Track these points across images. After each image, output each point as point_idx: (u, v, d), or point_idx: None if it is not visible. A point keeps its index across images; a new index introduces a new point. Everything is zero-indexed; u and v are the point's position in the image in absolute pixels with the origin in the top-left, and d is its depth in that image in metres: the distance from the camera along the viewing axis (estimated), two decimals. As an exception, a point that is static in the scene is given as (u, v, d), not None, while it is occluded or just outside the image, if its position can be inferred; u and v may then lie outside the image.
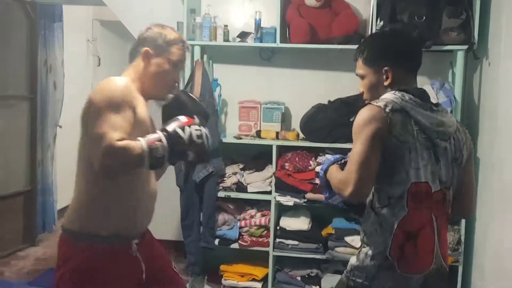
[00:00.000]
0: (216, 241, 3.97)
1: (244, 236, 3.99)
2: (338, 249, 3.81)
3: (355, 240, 3.73)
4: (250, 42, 3.92)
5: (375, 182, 1.91)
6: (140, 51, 2.22)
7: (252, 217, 3.99)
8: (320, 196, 3.77)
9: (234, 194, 3.97)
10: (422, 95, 2.00)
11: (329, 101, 3.93)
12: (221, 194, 3.95)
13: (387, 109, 1.89)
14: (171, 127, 1.99)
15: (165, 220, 5.05)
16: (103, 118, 1.94)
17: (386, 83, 2.02)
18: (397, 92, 1.97)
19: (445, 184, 1.98)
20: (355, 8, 4.00)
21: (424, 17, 3.53)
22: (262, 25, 3.89)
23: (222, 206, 4.02)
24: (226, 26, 3.96)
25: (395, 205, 1.91)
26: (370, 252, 1.95)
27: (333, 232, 3.84)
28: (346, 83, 3.99)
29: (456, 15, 3.58)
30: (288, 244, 3.93)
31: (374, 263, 1.93)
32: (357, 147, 1.87)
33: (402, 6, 3.58)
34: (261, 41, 3.86)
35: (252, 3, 4.14)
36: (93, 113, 1.99)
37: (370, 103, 1.95)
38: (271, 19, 3.94)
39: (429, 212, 1.94)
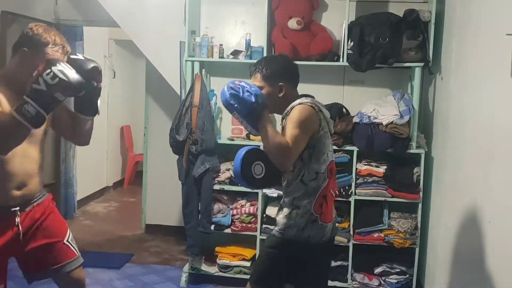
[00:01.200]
0: (212, 227, 3.99)
1: (235, 223, 4.01)
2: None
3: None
4: (241, 58, 3.95)
5: (305, 162, 2.31)
6: (18, 49, 2.11)
7: (242, 206, 4.02)
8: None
9: (227, 187, 4.00)
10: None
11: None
12: (217, 187, 3.98)
13: (317, 109, 2.30)
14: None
15: (169, 209, 5.12)
16: None
17: (280, 95, 2.37)
18: (307, 97, 2.37)
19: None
20: (330, 30, 4.04)
21: (387, 39, 3.59)
22: (251, 44, 3.92)
23: (217, 197, 4.04)
24: (221, 45, 3.99)
25: (320, 178, 2.33)
26: (299, 212, 2.32)
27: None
28: (322, 94, 3.97)
29: (414, 37, 3.64)
30: (272, 229, 3.92)
31: (303, 219, 2.32)
32: (298, 131, 2.19)
33: (369, 30, 3.63)
34: (250, 58, 3.89)
35: (243, 26, 4.17)
36: None
37: (303, 104, 2.28)
38: (259, 39, 3.97)
39: (333, 180, 2.44)
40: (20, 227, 2.23)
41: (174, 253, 4.78)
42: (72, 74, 1.93)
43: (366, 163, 3.80)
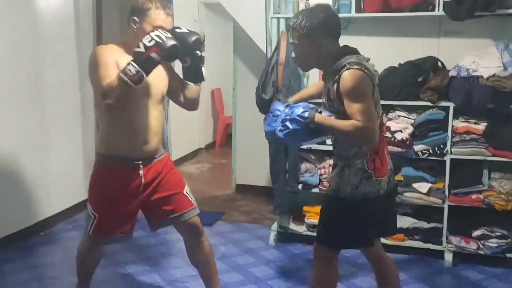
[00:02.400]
0: (300, 186, 3.94)
1: (323, 182, 3.93)
2: (406, 194, 3.66)
3: (422, 186, 3.58)
4: (328, 13, 3.77)
5: None
6: (130, 19, 2.42)
7: (330, 165, 3.91)
8: (390, 148, 3.64)
9: (314, 146, 3.90)
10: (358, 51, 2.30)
11: (399, 64, 3.74)
12: (303, 146, 3.90)
13: (366, 71, 2.16)
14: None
15: (259, 169, 5.14)
16: (96, 74, 2.30)
17: (320, 51, 2.25)
18: (351, 55, 2.22)
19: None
20: (424, -22, 3.73)
21: (489, -17, 3.25)
22: (338, -3, 3.74)
23: (304, 156, 3.98)
24: (308, 0, 3.84)
25: None
26: (351, 170, 2.27)
27: (402, 179, 3.69)
28: (415, 47, 3.78)
29: (521, -21, 3.26)
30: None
31: (356, 177, 2.26)
32: (364, 103, 2.11)
33: (467, -27, 3.30)
34: (338, 12, 3.70)
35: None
36: (90, 74, 2.39)
37: (352, 68, 2.15)
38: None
39: (382, 133, 2.35)
40: (143, 179, 2.52)
41: (263, 212, 4.82)
42: (168, 38, 2.20)
43: (463, 120, 3.53)
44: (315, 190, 3.95)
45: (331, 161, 3.90)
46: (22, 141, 3.92)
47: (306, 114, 2.16)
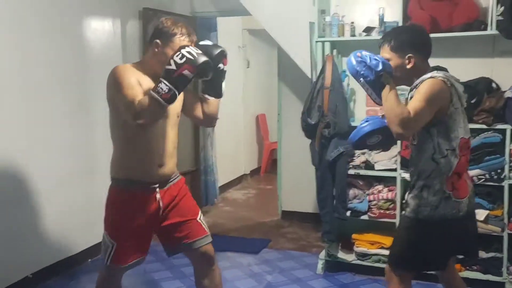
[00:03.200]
0: (348, 213, 3.81)
1: (373, 209, 3.80)
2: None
3: (479, 213, 3.37)
4: (374, 35, 3.69)
5: (436, 139, 2.24)
6: (151, 41, 2.34)
7: (379, 192, 3.79)
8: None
9: (362, 172, 3.79)
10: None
11: (451, 85, 3.60)
12: (351, 171, 3.79)
13: (449, 83, 2.19)
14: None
15: (305, 195, 5.04)
16: (121, 95, 2.24)
17: (409, 66, 2.28)
18: (439, 71, 2.25)
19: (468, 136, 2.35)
20: (474, -3, 3.61)
21: (545, 0, 3.09)
22: (385, 19, 3.65)
23: (352, 182, 3.85)
24: (353, 23, 3.78)
25: (451, 155, 2.25)
26: (430, 190, 2.25)
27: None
28: (467, 68, 3.62)
29: None
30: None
31: (435, 198, 2.25)
32: (423, 105, 2.12)
33: (523, -9, 3.15)
34: (384, 34, 3.62)
35: (375, 0, 3.89)
36: (110, 94, 2.34)
37: (434, 77, 2.19)
38: (393, 14, 3.69)
39: (466, 157, 2.34)
40: (161, 203, 2.43)
41: (310, 239, 4.69)
42: (199, 54, 2.14)
43: (522, 142, 3.34)
44: (364, 217, 3.81)
45: (380, 187, 3.80)
46: (74, 167, 3.97)
47: (389, 68, 2.25)
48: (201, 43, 2.35)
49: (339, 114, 3.66)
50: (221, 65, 2.39)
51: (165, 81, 2.12)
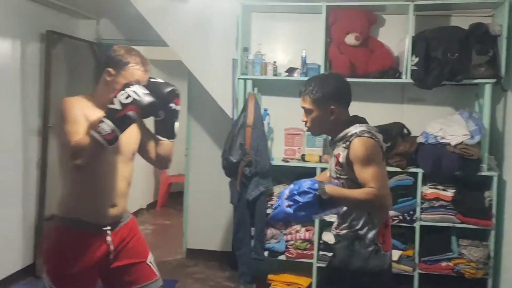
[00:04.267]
0: (266, 253, 3.73)
1: (290, 249, 3.76)
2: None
3: (393, 254, 3.48)
4: (297, 76, 3.73)
5: None
6: (104, 70, 2.18)
7: (297, 232, 3.77)
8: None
9: (280, 212, 3.74)
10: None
11: (367, 129, 3.72)
12: (270, 211, 3.73)
13: (376, 140, 2.09)
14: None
15: (211, 233, 4.88)
16: (63, 130, 2.04)
17: (331, 118, 2.16)
18: (361, 124, 2.14)
19: None
20: (388, 46, 3.80)
21: (456, 54, 3.34)
22: (307, 61, 3.70)
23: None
24: (275, 62, 3.78)
25: None
26: (362, 243, 2.15)
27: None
28: (381, 113, 3.79)
29: (484, 52, 3.41)
30: (329, 256, 3.68)
31: (367, 251, 2.15)
32: (376, 169, 2.01)
33: (435, 44, 3.39)
34: (306, 76, 3.67)
35: (297, 42, 3.96)
36: (56, 129, 2.17)
37: (362, 136, 2.06)
38: (314, 56, 3.77)
39: None
40: (111, 246, 2.22)
41: (219, 279, 4.50)
42: (145, 94, 2.00)
43: (432, 186, 3.53)
44: (282, 257, 3.75)
45: (297, 227, 3.78)
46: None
47: (316, 186, 2.02)
48: (152, 80, 2.19)
49: (261, 153, 3.61)
50: (173, 105, 2.22)
51: (107, 121, 1.95)
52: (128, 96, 1.96)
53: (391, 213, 3.49)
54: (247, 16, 3.87)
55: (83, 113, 2.07)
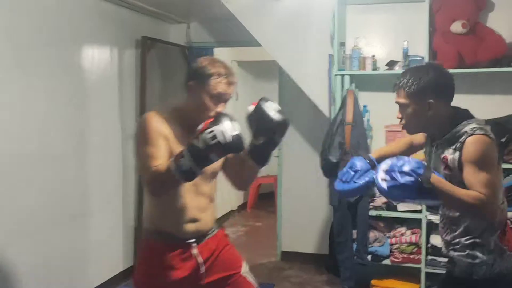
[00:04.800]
0: (369, 257, 3.53)
1: (394, 253, 3.54)
2: (492, 267, 3.25)
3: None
4: (398, 70, 3.50)
5: None
6: (187, 83, 2.05)
7: (402, 234, 3.55)
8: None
9: (384, 213, 3.54)
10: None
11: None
12: (372, 212, 3.54)
13: (492, 138, 1.88)
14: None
15: (306, 235, 4.75)
16: (143, 152, 1.96)
17: (429, 113, 1.95)
18: (471, 120, 1.92)
19: None
20: (498, 32, 3.48)
21: None
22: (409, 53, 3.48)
23: (372, 224, 3.60)
24: (374, 56, 3.58)
25: (499, 209, 1.95)
26: (485, 249, 1.96)
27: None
28: (494, 105, 3.47)
29: None
30: (440, 261, 3.42)
31: (491, 256, 1.96)
32: (490, 175, 1.83)
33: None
34: (409, 68, 3.44)
35: (396, 33, 3.73)
36: (136, 147, 2.05)
37: (476, 135, 1.86)
38: (416, 48, 3.52)
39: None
40: (199, 259, 2.14)
41: (317, 283, 4.37)
42: (233, 137, 1.83)
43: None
44: (386, 261, 3.55)
45: (402, 230, 3.56)
46: (62, 207, 3.56)
47: (421, 171, 1.80)
48: (264, 103, 1.98)
49: (362, 151, 3.42)
50: (277, 137, 2.05)
51: (189, 157, 1.81)
52: (214, 137, 1.79)
53: (510, 214, 3.17)
54: (341, 9, 3.70)
55: (164, 133, 2.00)
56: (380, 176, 1.84)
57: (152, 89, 4.53)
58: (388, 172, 1.83)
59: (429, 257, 3.46)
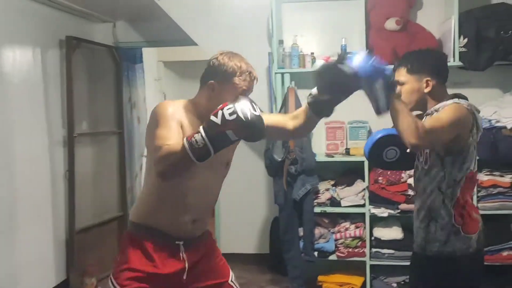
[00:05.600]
0: (315, 254, 3.53)
1: (340, 248, 3.57)
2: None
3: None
4: (338, 66, 3.52)
5: (448, 168, 2.02)
6: (206, 82, 1.92)
7: (346, 229, 3.58)
8: (413, 207, 3.38)
9: (329, 209, 3.56)
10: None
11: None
12: (317, 209, 3.54)
13: (471, 111, 2.00)
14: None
15: (245, 235, 4.70)
16: (154, 134, 1.84)
17: (426, 90, 2.08)
18: (461, 99, 2.06)
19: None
20: (428, 29, 3.61)
21: (510, 32, 3.15)
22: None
23: (317, 220, 3.60)
24: (313, 53, 3.58)
25: (457, 186, 2.04)
26: (438, 224, 2.05)
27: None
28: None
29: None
30: (384, 253, 3.50)
31: (444, 232, 2.04)
32: (441, 125, 1.90)
33: (486, 23, 3.20)
34: (347, 65, 3.47)
35: (333, 32, 3.76)
36: (148, 132, 1.94)
37: (458, 103, 2.00)
38: (351, 45, 3.57)
39: (472, 191, 2.15)
40: (187, 263, 2.01)
41: (261, 283, 4.32)
42: (252, 116, 1.70)
43: (487, 173, 3.34)
44: (332, 257, 3.56)
45: (346, 224, 3.60)
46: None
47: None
48: (341, 63, 1.82)
49: (306, 149, 3.42)
50: (344, 97, 1.94)
51: (203, 133, 1.70)
52: (233, 112, 1.68)
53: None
54: (277, 8, 3.66)
55: (178, 119, 1.88)
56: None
57: (80, 92, 4.25)
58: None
59: (373, 250, 3.52)
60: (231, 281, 2.17)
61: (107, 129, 4.67)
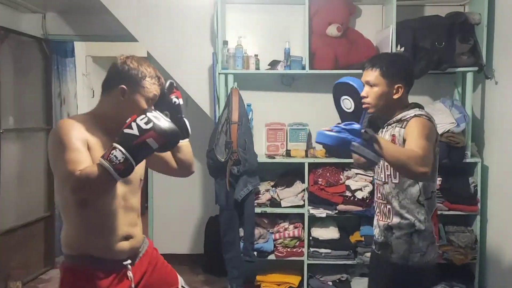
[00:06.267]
0: (255, 254, 3.54)
1: (278, 248, 3.60)
2: (367, 254, 3.48)
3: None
4: (280, 69, 3.56)
5: (419, 182, 2.07)
6: (113, 87, 1.83)
7: (285, 229, 3.62)
8: (350, 207, 3.49)
9: (269, 210, 3.58)
10: None
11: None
12: (257, 210, 3.55)
13: (434, 124, 2.06)
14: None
15: (179, 236, 4.62)
16: (62, 159, 1.69)
17: (395, 97, 2.10)
18: (421, 109, 2.12)
19: None
20: (366, 37, 3.74)
21: (443, 43, 3.33)
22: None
23: (256, 221, 3.61)
24: (257, 55, 3.59)
25: (433, 197, 2.11)
26: (420, 235, 2.08)
27: (363, 239, 3.54)
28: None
29: (466, 41, 3.42)
30: (321, 253, 3.58)
31: (425, 243, 2.08)
32: (426, 142, 1.92)
33: (423, 33, 3.35)
34: (290, 69, 3.53)
35: (276, 35, 3.79)
36: (52, 157, 1.77)
37: (421, 117, 2.03)
38: (294, 49, 3.62)
39: None
40: (133, 282, 1.92)
41: (195, 284, 4.25)
42: (166, 122, 1.71)
43: (419, 176, 3.50)
44: (271, 257, 3.59)
45: (285, 224, 3.63)
46: None
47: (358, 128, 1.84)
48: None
49: (249, 150, 3.41)
50: (174, 99, 1.94)
51: (121, 148, 1.62)
52: (149, 121, 1.66)
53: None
54: (222, 8, 3.62)
55: (84, 138, 1.76)
56: (325, 130, 1.86)
57: (6, 85, 3.98)
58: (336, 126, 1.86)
59: (311, 249, 3.59)
60: (182, 285, 2.15)
61: (34, 125, 4.42)
